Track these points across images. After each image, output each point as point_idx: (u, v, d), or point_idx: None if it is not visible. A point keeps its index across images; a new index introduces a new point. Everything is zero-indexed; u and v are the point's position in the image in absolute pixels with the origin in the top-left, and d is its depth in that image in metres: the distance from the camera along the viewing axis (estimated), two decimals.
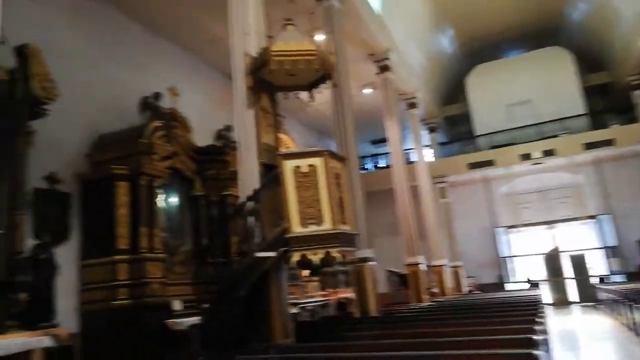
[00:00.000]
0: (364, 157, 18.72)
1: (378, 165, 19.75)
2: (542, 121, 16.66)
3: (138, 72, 8.38)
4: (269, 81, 5.74)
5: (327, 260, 4.90)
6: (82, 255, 6.62)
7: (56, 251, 5.82)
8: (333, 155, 5.24)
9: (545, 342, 3.68)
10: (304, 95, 6.33)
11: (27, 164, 5.31)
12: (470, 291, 15.52)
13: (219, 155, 8.56)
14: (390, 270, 14.88)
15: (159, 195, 7.27)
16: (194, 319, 6.63)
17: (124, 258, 6.47)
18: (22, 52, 5.37)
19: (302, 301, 10.63)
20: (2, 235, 4.76)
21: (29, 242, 5.34)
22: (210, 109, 9.98)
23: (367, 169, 19.28)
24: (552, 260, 15.32)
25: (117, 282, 6.36)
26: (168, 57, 9.44)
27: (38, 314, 5.13)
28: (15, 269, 4.83)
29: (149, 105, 7.44)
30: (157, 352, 6.20)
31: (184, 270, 7.76)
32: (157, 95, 7.51)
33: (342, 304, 12.94)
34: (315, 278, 11.89)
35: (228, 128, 8.77)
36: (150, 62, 8.86)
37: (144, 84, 7.95)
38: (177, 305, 6.93)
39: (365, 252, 7.80)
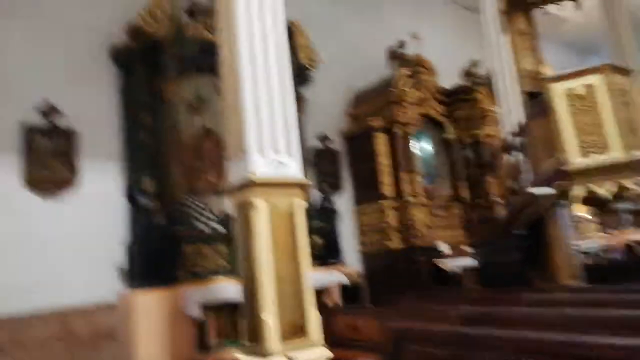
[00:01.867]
0: None
1: None
2: None
3: (381, 24, 8.60)
4: None
5: (620, 194, 4.24)
6: (355, 202, 7.39)
7: (335, 200, 6.63)
8: (615, 69, 4.42)
9: None
10: (563, 7, 5.48)
11: (304, 127, 6.15)
12: None
13: (467, 94, 8.24)
14: None
15: (413, 142, 7.50)
16: (463, 260, 6.75)
17: (390, 203, 6.96)
18: (288, 28, 6.12)
19: (577, 243, 9.59)
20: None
21: (315, 193, 6.23)
22: (452, 47, 9.60)
23: None
24: None
25: (386, 226, 6.91)
26: (405, 2, 9.38)
27: (329, 255, 6.01)
28: (310, 216, 5.71)
29: (395, 54, 7.63)
30: (430, 290, 6.53)
31: (445, 214, 7.92)
32: (401, 44, 7.63)
33: (631, 249, 11.16)
34: (591, 217, 10.53)
35: (474, 64, 8.31)
36: (390, 12, 8.98)
37: (388, 34, 8.10)
38: (443, 247, 7.13)
39: None
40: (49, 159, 4.98)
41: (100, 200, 5.11)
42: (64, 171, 5.03)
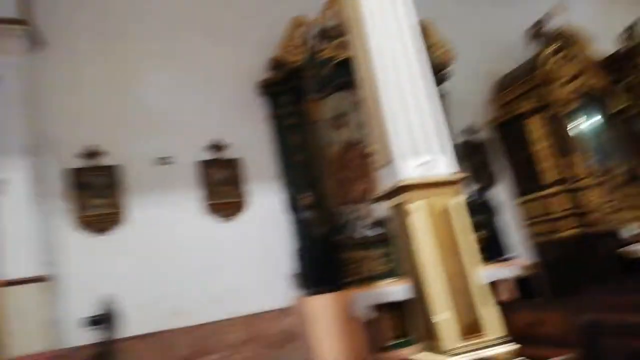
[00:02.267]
0: None
1: None
2: None
3: (516, 4, 7.98)
4: None
5: None
6: (516, 192, 6.92)
7: (491, 193, 6.33)
8: None
9: None
10: None
11: (449, 122, 5.97)
12: None
13: (631, 59, 7.21)
14: None
15: (573, 121, 6.82)
16: None
17: (557, 190, 6.38)
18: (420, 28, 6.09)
19: None
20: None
21: (470, 188, 6.03)
22: (604, 10, 8.50)
23: None
24: None
25: (555, 214, 6.35)
26: None
27: (494, 249, 5.74)
28: (469, 211, 5.53)
29: (538, 32, 7.04)
30: (616, 279, 5.81)
31: (624, 194, 6.98)
32: (543, 20, 7.02)
33: None
34: None
35: (631, 27, 7.26)
36: None
37: (527, 13, 7.48)
38: (627, 230, 6.31)
39: None
40: (222, 186, 5.67)
41: (267, 217, 5.66)
42: (235, 196, 5.67)
